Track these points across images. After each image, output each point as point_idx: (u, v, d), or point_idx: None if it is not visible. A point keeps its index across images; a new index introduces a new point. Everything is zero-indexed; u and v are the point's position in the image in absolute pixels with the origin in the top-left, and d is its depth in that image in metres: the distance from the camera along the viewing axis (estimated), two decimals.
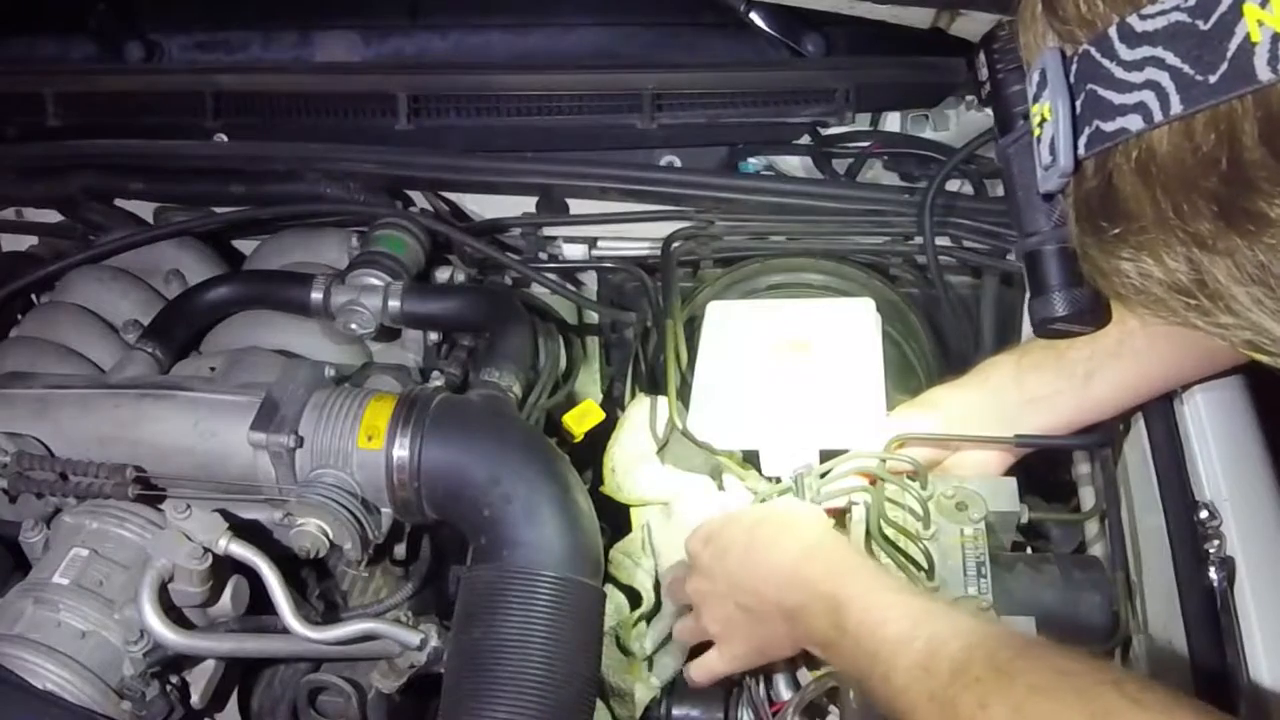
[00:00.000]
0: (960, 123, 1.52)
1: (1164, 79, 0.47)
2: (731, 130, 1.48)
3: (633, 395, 1.33)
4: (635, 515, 1.20)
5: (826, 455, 1.13)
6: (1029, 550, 1.15)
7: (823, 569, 0.93)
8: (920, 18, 1.32)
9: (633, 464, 1.21)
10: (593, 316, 1.44)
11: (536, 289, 1.40)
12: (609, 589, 1.10)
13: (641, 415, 1.24)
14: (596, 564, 1.03)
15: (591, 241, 1.45)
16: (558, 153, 1.48)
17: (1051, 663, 0.75)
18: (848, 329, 1.21)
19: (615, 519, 1.17)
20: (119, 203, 1.53)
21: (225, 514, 1.02)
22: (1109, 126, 0.50)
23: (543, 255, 1.45)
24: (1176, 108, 0.47)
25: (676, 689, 1.11)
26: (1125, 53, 0.48)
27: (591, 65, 1.56)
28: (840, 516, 1.08)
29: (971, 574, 1.02)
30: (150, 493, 1.05)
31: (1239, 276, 0.49)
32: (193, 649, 0.99)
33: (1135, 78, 0.48)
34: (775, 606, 0.96)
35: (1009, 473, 1.12)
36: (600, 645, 1.00)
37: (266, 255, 1.42)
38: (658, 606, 1.15)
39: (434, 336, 1.31)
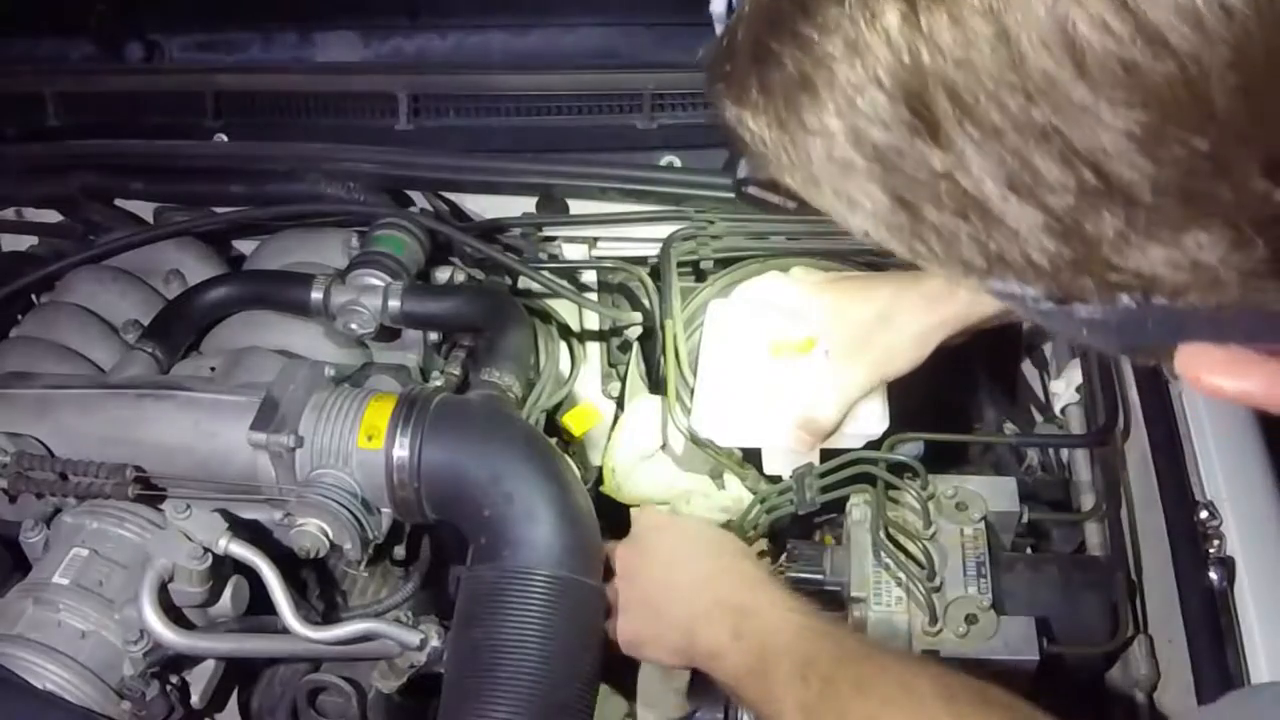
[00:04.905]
0: None
1: None
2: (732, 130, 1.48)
3: (632, 395, 1.33)
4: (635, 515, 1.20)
5: (827, 455, 1.13)
6: (1029, 550, 1.15)
7: (734, 582, 0.99)
8: None
9: (633, 464, 1.21)
10: (593, 316, 1.44)
11: (536, 289, 1.40)
12: None
13: (641, 415, 1.24)
14: (597, 563, 1.03)
15: (591, 241, 1.45)
16: (558, 153, 1.48)
17: (899, 677, 0.84)
18: None
19: (615, 519, 1.17)
20: (119, 203, 1.53)
21: (225, 514, 1.02)
22: None
23: (543, 255, 1.45)
24: None
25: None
26: None
27: (591, 65, 1.56)
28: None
29: (971, 574, 1.02)
30: (150, 493, 1.05)
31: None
32: (193, 649, 0.99)
33: None
34: (677, 615, 1.00)
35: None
36: (600, 645, 1.00)
37: (266, 255, 1.42)
38: None
39: (434, 336, 1.31)
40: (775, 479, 1.15)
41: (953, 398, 1.38)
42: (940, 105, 0.35)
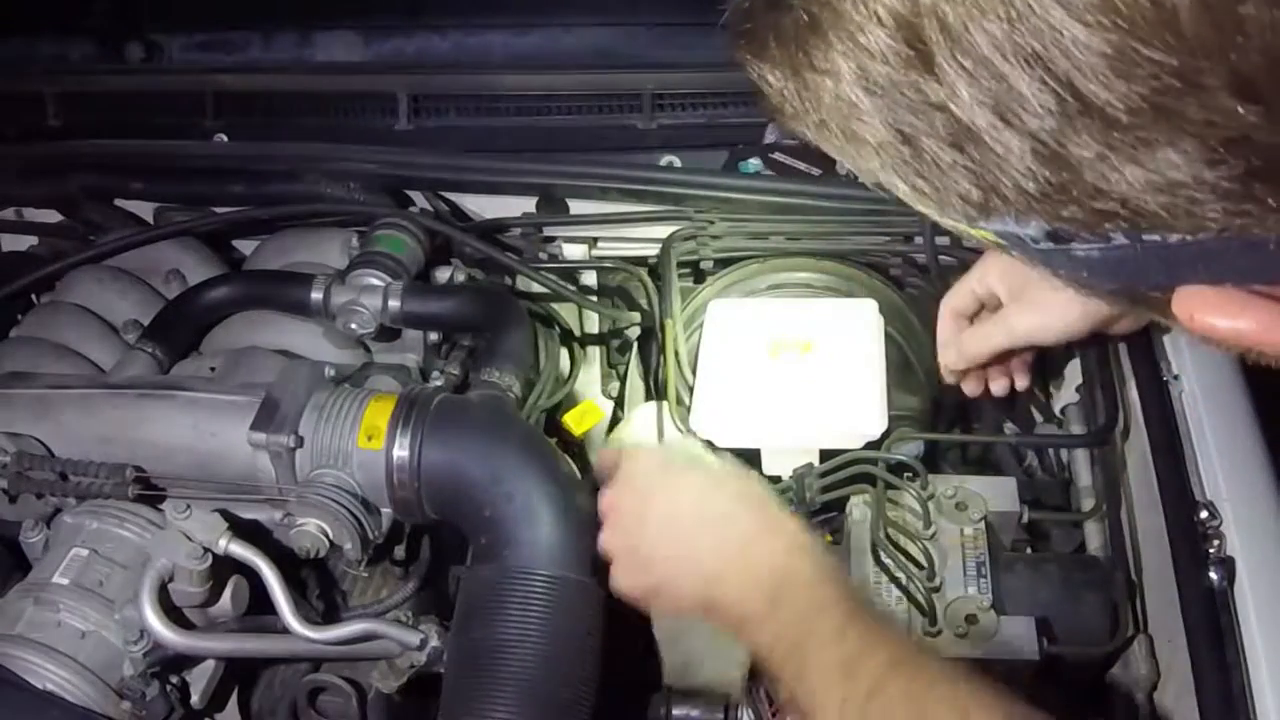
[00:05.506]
0: None
1: None
2: (731, 130, 1.48)
3: (632, 396, 1.33)
4: None
5: (827, 455, 1.13)
6: (1029, 550, 1.15)
7: (773, 541, 0.90)
8: None
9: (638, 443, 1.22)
10: (593, 317, 1.44)
11: (536, 289, 1.40)
12: None
13: (650, 411, 1.24)
14: (596, 563, 1.03)
15: (591, 242, 1.45)
16: (558, 153, 1.48)
17: (955, 699, 0.76)
18: (850, 329, 1.21)
19: None
20: (119, 203, 1.53)
21: (225, 514, 1.02)
22: None
23: (543, 255, 1.45)
24: None
25: (675, 689, 1.11)
26: None
27: (591, 65, 1.56)
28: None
29: (971, 574, 1.02)
30: (150, 493, 1.05)
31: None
32: (193, 649, 0.99)
33: None
34: (704, 568, 0.91)
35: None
36: (600, 644, 1.00)
37: (266, 255, 1.42)
38: None
39: (434, 336, 1.31)
40: (775, 479, 1.15)
41: (953, 398, 1.38)
42: (933, 37, 0.37)
